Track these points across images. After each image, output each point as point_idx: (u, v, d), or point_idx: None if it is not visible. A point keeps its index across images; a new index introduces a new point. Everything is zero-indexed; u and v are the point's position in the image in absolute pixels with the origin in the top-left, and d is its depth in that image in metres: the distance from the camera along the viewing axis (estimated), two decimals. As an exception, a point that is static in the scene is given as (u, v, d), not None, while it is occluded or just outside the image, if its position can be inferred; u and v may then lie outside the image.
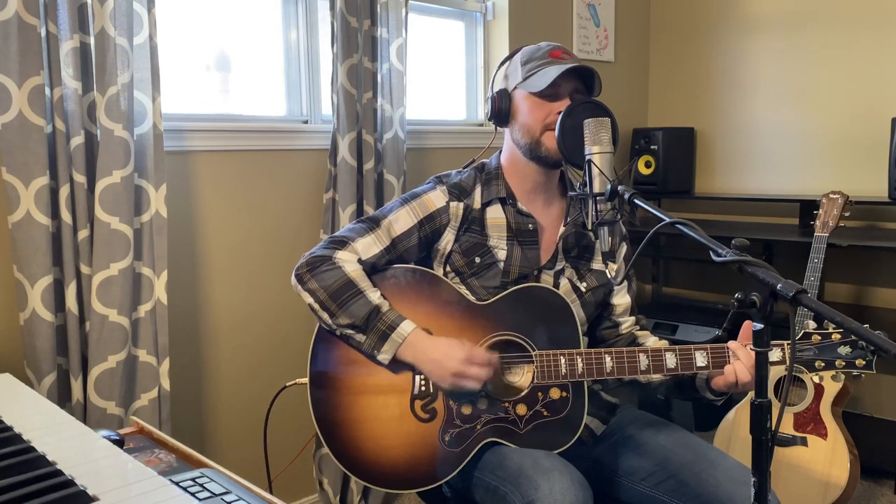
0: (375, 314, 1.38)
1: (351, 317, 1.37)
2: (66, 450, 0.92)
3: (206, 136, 2.03)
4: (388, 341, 1.37)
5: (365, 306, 1.38)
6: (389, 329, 1.37)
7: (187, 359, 2.05)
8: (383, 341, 1.37)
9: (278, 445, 2.18)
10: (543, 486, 1.26)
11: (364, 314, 1.37)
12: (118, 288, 1.71)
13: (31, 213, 1.60)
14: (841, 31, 2.87)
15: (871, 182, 2.82)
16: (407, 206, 1.51)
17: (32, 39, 1.57)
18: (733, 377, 1.33)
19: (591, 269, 1.56)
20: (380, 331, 1.37)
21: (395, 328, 1.37)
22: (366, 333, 1.38)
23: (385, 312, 1.38)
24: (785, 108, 3.05)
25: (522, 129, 1.49)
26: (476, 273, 1.50)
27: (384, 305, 1.39)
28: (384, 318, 1.37)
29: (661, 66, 3.44)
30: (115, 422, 1.72)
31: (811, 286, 2.23)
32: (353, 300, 1.38)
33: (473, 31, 2.84)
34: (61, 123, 1.63)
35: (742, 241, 0.97)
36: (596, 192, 1.22)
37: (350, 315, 1.37)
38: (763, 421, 0.92)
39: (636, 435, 1.51)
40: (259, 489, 0.89)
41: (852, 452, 2.16)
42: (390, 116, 2.27)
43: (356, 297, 1.38)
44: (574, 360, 1.39)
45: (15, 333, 1.70)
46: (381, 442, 1.40)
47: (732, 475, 1.35)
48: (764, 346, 0.93)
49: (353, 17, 2.12)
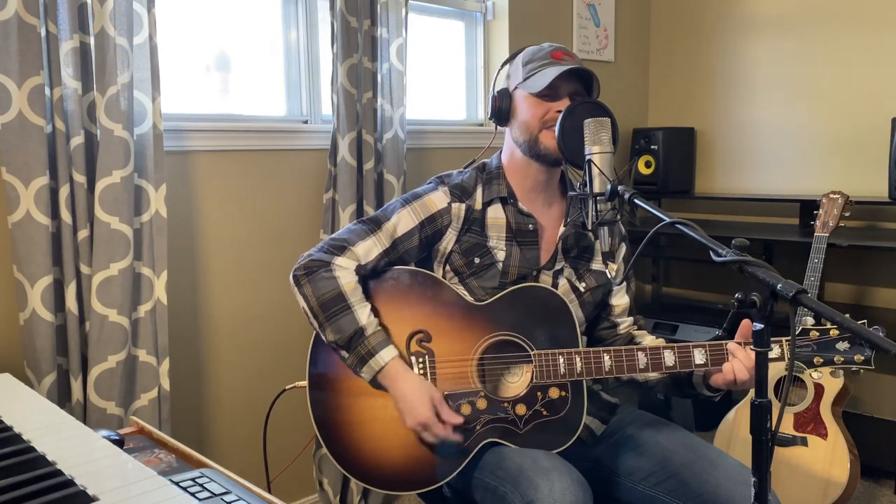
0: (359, 336, 1.38)
1: (336, 332, 1.38)
2: (66, 450, 0.92)
3: (206, 136, 2.03)
4: (366, 366, 1.38)
5: (351, 325, 1.38)
6: (368, 355, 1.38)
7: (187, 359, 2.05)
8: (362, 364, 1.38)
9: (278, 446, 2.17)
10: (543, 487, 1.26)
11: (349, 334, 1.38)
12: (118, 288, 1.71)
13: (31, 213, 1.60)
14: (841, 31, 2.87)
15: (871, 182, 2.82)
16: (408, 206, 1.51)
17: (32, 39, 1.57)
18: (732, 375, 1.33)
19: (591, 270, 1.56)
20: (360, 354, 1.38)
21: (373, 355, 1.37)
22: (348, 352, 1.39)
23: (368, 336, 1.38)
24: (785, 107, 3.05)
25: (521, 127, 1.50)
26: (475, 273, 1.50)
27: (370, 327, 1.39)
28: (366, 342, 1.38)
29: (661, 66, 3.44)
30: (115, 422, 1.72)
31: (811, 286, 2.23)
32: (341, 315, 1.38)
33: (473, 31, 2.84)
34: (61, 123, 1.63)
35: (742, 241, 0.97)
36: (596, 192, 1.22)
37: (336, 331, 1.38)
38: (763, 421, 0.92)
39: (636, 435, 1.50)
40: (259, 489, 0.89)
41: (852, 452, 2.16)
42: (390, 116, 2.27)
43: (344, 312, 1.38)
44: (573, 359, 1.39)
45: (15, 333, 1.70)
46: (380, 443, 1.40)
47: (733, 475, 1.35)
48: (764, 346, 0.93)
49: (353, 17, 2.12)
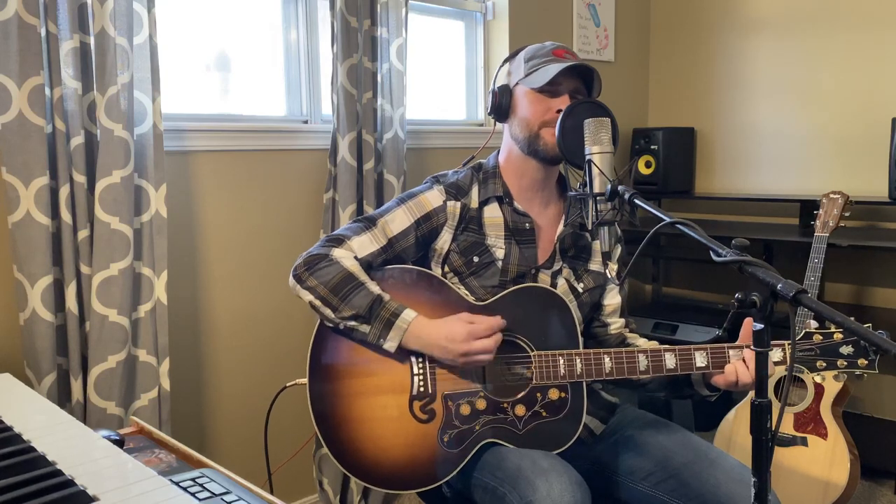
0: (378, 303, 1.38)
1: (354, 308, 1.38)
2: (66, 450, 0.92)
3: (206, 136, 2.02)
4: (394, 328, 1.37)
5: (367, 297, 1.38)
6: (393, 316, 1.37)
7: (187, 359, 2.05)
8: (388, 329, 1.38)
9: (278, 446, 2.17)
10: (542, 487, 1.26)
11: (367, 304, 1.38)
12: (118, 288, 1.71)
13: (31, 213, 1.60)
14: (841, 31, 2.87)
15: (871, 182, 2.82)
16: (403, 205, 1.51)
17: (32, 39, 1.57)
18: (734, 377, 1.33)
19: (589, 270, 1.56)
20: (384, 319, 1.38)
21: (398, 315, 1.38)
22: (370, 323, 1.38)
23: (387, 301, 1.39)
24: (785, 107, 3.05)
25: (521, 123, 1.50)
26: (474, 272, 1.50)
27: (385, 295, 1.40)
28: (387, 307, 1.38)
29: (661, 66, 3.44)
30: (115, 422, 1.72)
31: (811, 286, 2.23)
32: (354, 292, 1.39)
33: (473, 31, 2.84)
34: (61, 123, 1.63)
35: (742, 241, 0.97)
36: (596, 192, 1.22)
37: (353, 306, 1.38)
38: (763, 421, 0.92)
39: (636, 435, 1.50)
40: (259, 489, 0.89)
41: (852, 453, 2.16)
42: (390, 116, 2.27)
43: (357, 289, 1.39)
44: (573, 360, 1.39)
45: (15, 333, 1.70)
46: (380, 442, 1.40)
47: (733, 475, 1.35)
48: (764, 346, 0.93)
49: (353, 17, 2.12)
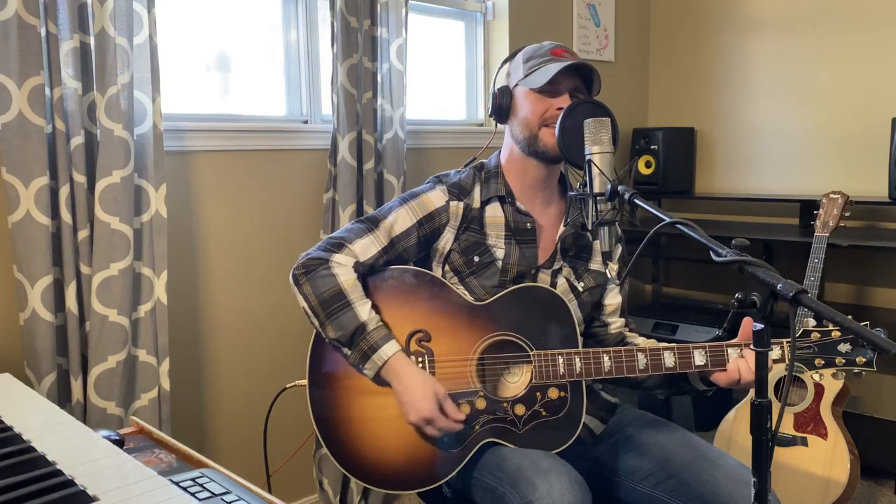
0: (361, 332, 1.37)
1: (338, 329, 1.37)
2: (66, 450, 0.92)
3: (206, 136, 2.02)
4: (369, 361, 1.37)
5: (352, 321, 1.37)
6: (371, 350, 1.37)
7: (187, 359, 2.05)
8: (365, 360, 1.38)
9: (278, 446, 2.17)
10: (541, 487, 1.26)
11: (350, 330, 1.37)
12: (118, 288, 1.71)
13: (31, 213, 1.60)
14: (841, 31, 2.87)
15: (871, 182, 2.82)
16: (406, 205, 1.51)
17: (32, 39, 1.57)
18: (736, 374, 1.34)
19: (589, 270, 1.56)
20: (362, 350, 1.37)
21: (376, 350, 1.36)
22: (350, 349, 1.38)
23: (370, 332, 1.37)
24: (785, 107, 3.05)
25: (521, 123, 1.50)
26: (475, 272, 1.50)
27: (371, 323, 1.38)
28: (368, 338, 1.37)
29: (661, 66, 3.44)
30: (115, 422, 1.72)
31: (811, 286, 2.23)
32: (341, 312, 1.38)
33: (473, 31, 2.84)
34: (61, 123, 1.63)
35: (742, 241, 0.97)
36: (596, 192, 1.22)
37: (337, 328, 1.37)
38: (763, 421, 0.92)
39: (636, 435, 1.50)
40: (259, 489, 0.89)
41: (852, 452, 2.16)
42: (390, 116, 2.27)
43: (345, 309, 1.38)
44: (572, 359, 1.39)
45: (15, 333, 1.70)
46: (379, 443, 1.40)
47: (733, 475, 1.35)
48: (764, 346, 0.93)
49: (353, 17, 2.12)
